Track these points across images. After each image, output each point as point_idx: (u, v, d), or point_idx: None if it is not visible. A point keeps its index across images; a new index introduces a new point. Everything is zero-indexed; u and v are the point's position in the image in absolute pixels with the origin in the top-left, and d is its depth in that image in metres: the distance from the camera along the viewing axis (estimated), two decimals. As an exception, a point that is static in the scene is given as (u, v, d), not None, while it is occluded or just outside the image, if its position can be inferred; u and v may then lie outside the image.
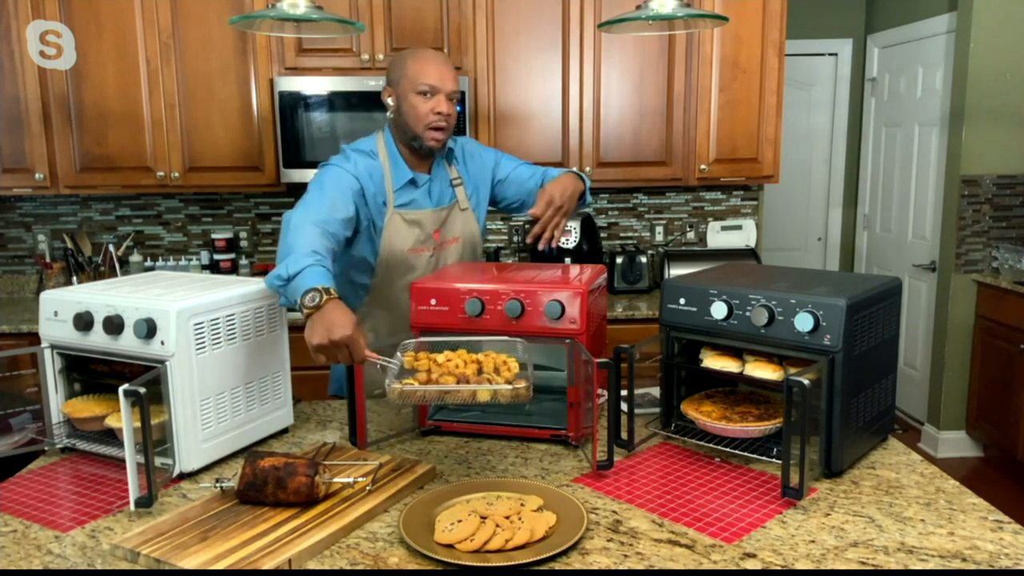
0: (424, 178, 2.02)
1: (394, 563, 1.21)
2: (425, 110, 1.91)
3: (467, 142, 2.17)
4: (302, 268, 1.55)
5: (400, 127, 1.97)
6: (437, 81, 1.91)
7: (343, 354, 1.45)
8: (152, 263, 3.66)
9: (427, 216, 2.02)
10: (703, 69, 3.35)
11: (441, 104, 1.91)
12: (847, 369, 1.45)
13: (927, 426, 4.29)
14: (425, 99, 1.91)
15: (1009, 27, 3.82)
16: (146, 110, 3.25)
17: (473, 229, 2.12)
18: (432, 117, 1.91)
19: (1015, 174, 3.96)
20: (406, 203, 2.00)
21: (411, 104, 1.92)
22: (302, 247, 1.61)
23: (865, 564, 1.20)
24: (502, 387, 1.39)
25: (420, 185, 2.02)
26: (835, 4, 5.11)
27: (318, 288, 1.49)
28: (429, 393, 1.41)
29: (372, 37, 3.24)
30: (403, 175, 1.98)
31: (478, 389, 1.40)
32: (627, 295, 3.51)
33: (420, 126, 1.92)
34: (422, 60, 1.93)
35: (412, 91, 1.91)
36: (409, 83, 1.92)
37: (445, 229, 2.06)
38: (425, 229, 2.02)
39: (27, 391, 1.77)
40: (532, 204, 2.07)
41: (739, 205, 3.86)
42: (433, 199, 2.04)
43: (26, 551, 1.27)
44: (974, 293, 4.01)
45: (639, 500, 1.42)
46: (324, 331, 1.43)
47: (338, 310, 1.47)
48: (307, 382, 2.27)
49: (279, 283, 1.58)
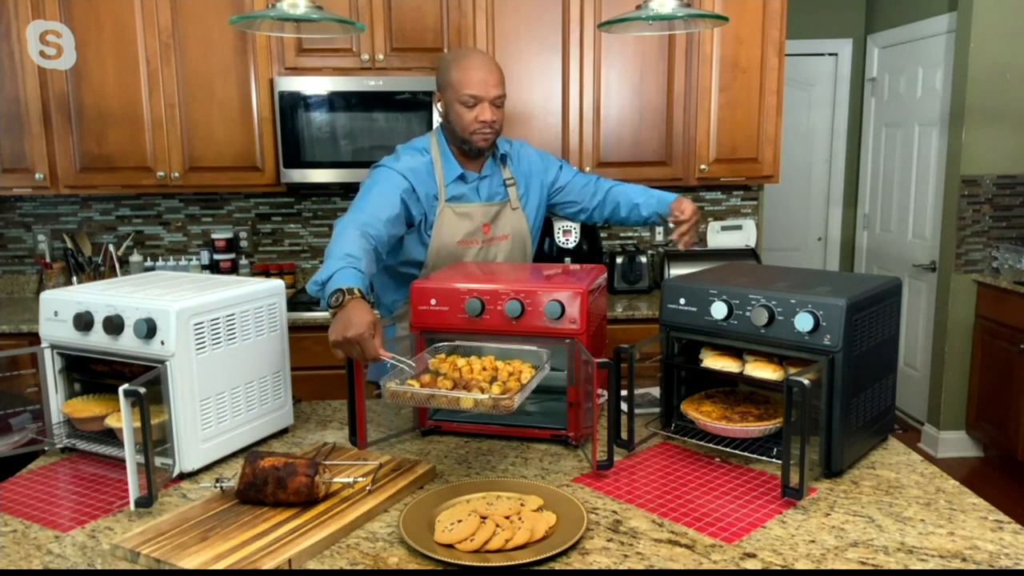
0: (474, 176, 2.08)
1: (394, 563, 1.21)
2: (470, 119, 1.97)
3: (523, 146, 2.23)
4: (333, 272, 1.64)
5: (449, 131, 2.04)
6: (480, 91, 1.95)
7: (356, 351, 1.51)
8: (152, 263, 3.66)
9: (477, 209, 2.08)
10: (703, 69, 3.34)
11: (485, 113, 1.96)
12: (847, 369, 1.45)
13: (927, 426, 4.29)
14: (469, 109, 1.96)
15: (1009, 27, 3.82)
16: (146, 110, 3.25)
17: (523, 228, 2.17)
18: (476, 125, 1.97)
19: (1015, 174, 3.96)
20: (457, 197, 2.06)
21: (457, 113, 1.98)
22: (338, 252, 1.70)
23: (865, 564, 1.20)
24: (482, 397, 1.41)
25: (470, 182, 2.08)
26: (835, 4, 5.11)
27: (342, 288, 1.56)
28: (417, 395, 1.45)
29: (372, 37, 3.24)
30: (454, 170, 2.05)
31: (461, 397, 1.42)
32: (627, 295, 3.51)
33: (467, 133, 1.99)
34: (465, 69, 1.96)
35: (456, 101, 1.97)
36: (454, 92, 1.97)
37: (496, 225, 2.12)
38: (475, 221, 2.07)
39: (27, 391, 1.77)
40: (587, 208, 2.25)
41: (739, 205, 3.86)
42: (483, 196, 2.10)
43: (26, 551, 1.27)
44: (974, 293, 4.01)
45: (639, 500, 1.42)
46: (342, 328, 1.50)
47: (356, 309, 1.52)
48: (307, 382, 2.27)
49: (316, 288, 1.66)
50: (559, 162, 2.27)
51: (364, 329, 1.49)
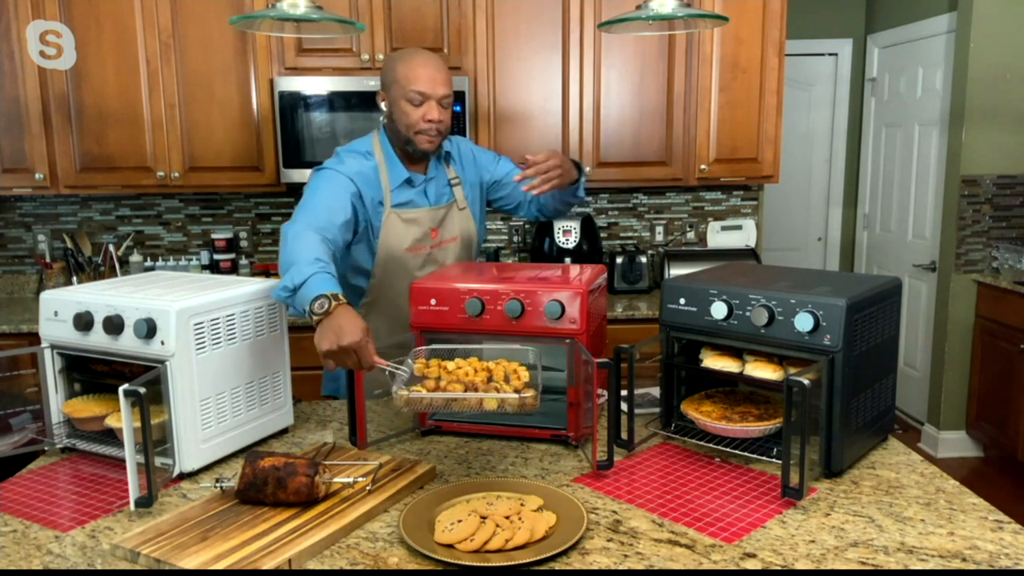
0: (420, 178, 2.02)
1: (394, 563, 1.21)
2: (416, 118, 1.89)
3: (463, 143, 2.18)
4: (307, 276, 1.54)
5: (393, 131, 1.97)
6: (427, 88, 1.88)
7: (352, 360, 1.44)
8: (152, 263, 3.66)
9: (424, 214, 2.02)
10: (703, 69, 3.35)
11: (432, 111, 1.89)
12: (847, 369, 1.45)
13: (927, 426, 4.29)
14: (415, 107, 1.89)
15: (1009, 27, 3.82)
16: (146, 110, 3.25)
17: (471, 228, 2.12)
18: (423, 125, 1.90)
19: (1015, 174, 3.96)
20: (403, 203, 1.99)
21: (402, 111, 1.90)
22: (304, 256, 1.60)
23: (865, 564, 1.20)
24: (509, 396, 1.40)
25: (416, 185, 2.01)
26: (835, 4, 5.11)
27: (326, 294, 1.49)
28: (436, 401, 1.41)
29: (372, 37, 3.24)
30: (399, 174, 1.98)
31: (485, 397, 1.40)
32: (627, 295, 3.51)
33: (411, 132, 1.91)
34: (412, 65, 1.89)
35: (402, 98, 1.89)
36: (400, 89, 1.89)
37: (444, 228, 2.06)
38: (423, 227, 2.01)
39: (27, 391, 1.77)
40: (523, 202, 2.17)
41: (739, 205, 3.86)
42: (430, 199, 2.04)
43: (26, 551, 1.27)
44: (974, 293, 4.01)
45: (639, 500, 1.42)
46: (334, 337, 1.43)
47: (347, 315, 1.46)
48: (307, 382, 2.27)
49: (286, 294, 1.57)
50: (497, 157, 2.20)
51: (360, 336, 1.43)
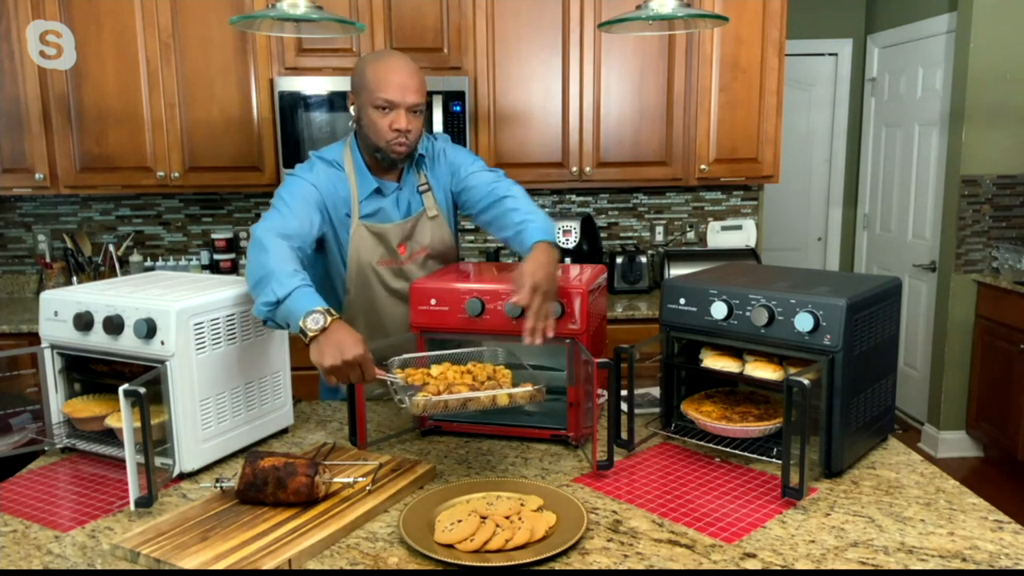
0: (392, 187, 1.93)
1: (394, 563, 1.21)
2: (383, 126, 1.80)
3: (439, 142, 2.03)
4: (291, 290, 1.51)
5: (362, 137, 1.88)
6: (396, 95, 1.78)
7: (355, 374, 1.43)
8: (152, 263, 3.66)
9: (391, 230, 1.93)
10: (703, 69, 3.35)
11: (400, 120, 1.79)
12: (847, 369, 1.45)
13: (927, 426, 4.29)
14: (384, 114, 1.80)
15: (1009, 27, 3.82)
16: (146, 110, 3.25)
17: (445, 235, 2.00)
18: (391, 134, 1.81)
19: (1015, 174, 3.96)
20: (372, 213, 1.91)
21: (370, 118, 1.81)
22: (282, 267, 1.56)
23: (865, 564, 1.20)
24: (520, 391, 1.43)
25: (388, 194, 1.93)
26: (835, 4, 5.11)
27: (318, 310, 1.46)
28: (452, 403, 1.42)
29: (372, 37, 3.24)
30: (368, 185, 1.90)
31: (498, 394, 1.42)
32: (627, 295, 3.51)
33: (380, 140, 1.83)
34: (383, 71, 1.79)
35: (370, 104, 1.80)
36: (368, 95, 1.80)
37: (412, 240, 1.96)
38: (390, 242, 1.93)
39: (27, 391, 1.77)
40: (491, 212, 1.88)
41: (739, 205, 3.86)
42: (402, 209, 1.95)
43: (26, 551, 1.28)
44: (974, 293, 4.01)
45: (639, 500, 1.42)
46: (336, 352, 1.41)
47: (344, 330, 1.45)
48: (307, 382, 2.26)
49: (267, 308, 1.53)
50: (472, 157, 2.02)
51: (362, 350, 1.42)
